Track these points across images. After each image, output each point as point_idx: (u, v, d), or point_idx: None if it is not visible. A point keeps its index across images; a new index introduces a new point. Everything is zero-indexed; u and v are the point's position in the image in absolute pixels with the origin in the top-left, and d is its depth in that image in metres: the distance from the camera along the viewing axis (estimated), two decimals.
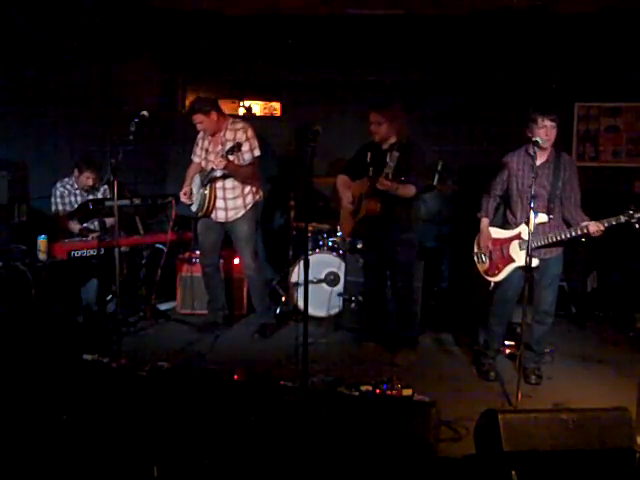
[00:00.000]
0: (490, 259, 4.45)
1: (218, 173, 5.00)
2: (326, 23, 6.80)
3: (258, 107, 7.58)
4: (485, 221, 4.49)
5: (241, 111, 7.41)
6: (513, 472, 2.79)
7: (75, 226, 5.51)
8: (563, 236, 4.16)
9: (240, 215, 5.13)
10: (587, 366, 4.78)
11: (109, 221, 5.38)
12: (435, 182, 5.90)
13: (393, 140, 4.69)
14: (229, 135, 5.05)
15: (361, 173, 4.82)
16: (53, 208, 5.70)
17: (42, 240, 4.91)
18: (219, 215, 5.15)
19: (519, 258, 4.29)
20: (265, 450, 3.17)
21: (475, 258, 4.57)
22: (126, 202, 5.24)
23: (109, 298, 5.46)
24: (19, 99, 6.06)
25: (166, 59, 7.12)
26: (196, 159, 5.29)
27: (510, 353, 4.90)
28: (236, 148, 4.84)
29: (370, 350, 4.96)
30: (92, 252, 5.15)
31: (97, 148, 6.16)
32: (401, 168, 4.54)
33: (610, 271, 6.05)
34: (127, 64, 6.76)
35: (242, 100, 7.46)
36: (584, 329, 5.70)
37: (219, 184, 5.09)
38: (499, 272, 4.41)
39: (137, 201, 5.37)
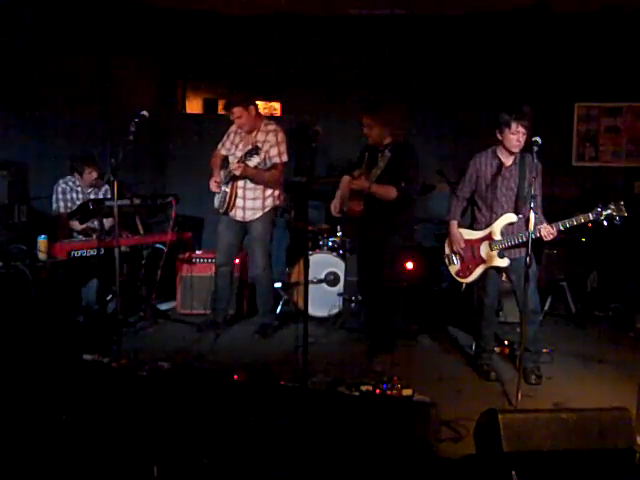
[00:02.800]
0: (461, 260, 4.49)
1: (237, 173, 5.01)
2: (326, 23, 6.81)
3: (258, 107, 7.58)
4: (453, 223, 4.54)
5: None
6: (513, 472, 2.79)
7: (77, 225, 5.50)
8: (525, 237, 4.15)
9: (257, 216, 5.13)
10: (587, 366, 4.78)
11: (108, 222, 5.38)
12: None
13: (388, 141, 4.69)
14: (260, 137, 5.05)
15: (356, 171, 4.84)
16: (54, 206, 5.69)
17: (42, 240, 4.91)
18: (237, 214, 5.17)
19: (490, 259, 4.33)
20: (265, 450, 3.17)
21: (446, 260, 4.64)
22: (126, 202, 5.24)
23: (109, 298, 5.45)
24: (19, 99, 6.06)
25: (166, 59, 7.12)
26: (223, 151, 5.28)
27: (510, 353, 4.91)
28: (254, 151, 4.84)
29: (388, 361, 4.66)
30: (92, 252, 5.15)
31: (97, 148, 6.17)
32: (391, 169, 4.52)
33: (610, 271, 6.05)
34: (127, 64, 6.76)
35: None
36: (584, 329, 5.69)
37: (240, 183, 5.10)
38: (470, 273, 4.45)
39: (137, 201, 5.37)
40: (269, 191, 5.14)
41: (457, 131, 6.79)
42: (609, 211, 3.98)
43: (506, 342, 5.02)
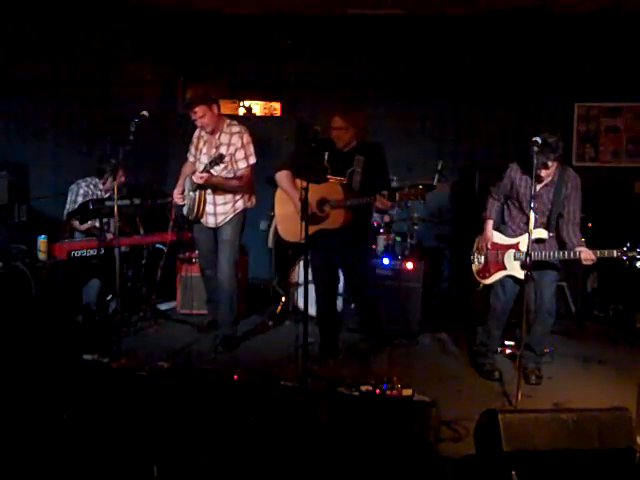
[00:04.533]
0: (485, 261, 4.48)
1: (228, 175, 4.83)
2: (326, 23, 6.81)
3: (258, 107, 7.58)
4: (489, 222, 4.50)
5: (241, 111, 7.41)
6: (513, 472, 2.79)
7: (81, 225, 5.48)
8: (557, 256, 4.16)
9: (229, 219, 4.94)
10: (587, 366, 4.78)
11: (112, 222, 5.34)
12: (435, 182, 5.89)
13: (354, 144, 4.50)
14: (224, 139, 4.84)
15: (316, 173, 4.37)
16: (69, 206, 5.55)
17: (42, 240, 4.91)
18: (209, 220, 4.97)
19: (510, 267, 4.33)
20: (265, 450, 3.17)
21: (472, 257, 4.60)
22: (126, 202, 5.24)
23: (109, 298, 5.46)
24: (19, 99, 6.06)
25: (166, 59, 7.12)
26: (191, 158, 5.12)
27: (510, 353, 4.91)
28: (218, 160, 4.63)
29: (330, 366, 4.60)
30: (92, 252, 5.15)
31: (97, 148, 6.16)
32: (368, 173, 4.40)
33: (610, 271, 6.05)
34: (127, 64, 6.76)
35: (242, 100, 7.46)
36: (584, 329, 5.69)
37: (210, 189, 4.88)
38: (489, 276, 4.45)
39: (137, 201, 5.36)
40: (239, 194, 4.94)
41: (457, 131, 6.79)
42: (633, 254, 3.97)
43: (506, 342, 5.02)
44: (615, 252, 4.02)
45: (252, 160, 4.87)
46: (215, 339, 5.07)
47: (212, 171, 4.74)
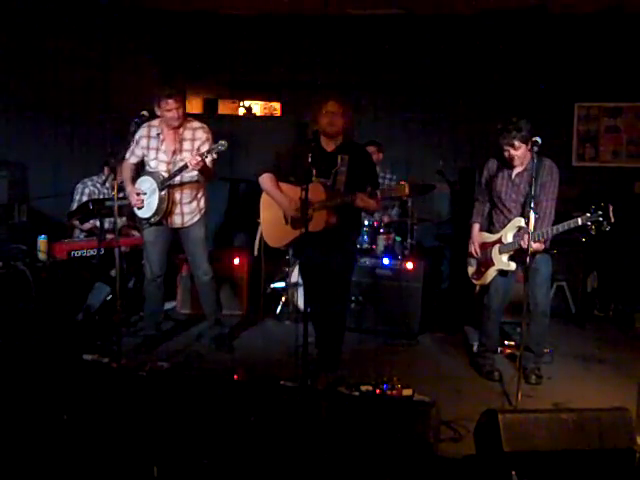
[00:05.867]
0: (477, 263, 4.52)
1: (193, 173, 4.62)
2: (326, 23, 6.81)
3: (258, 107, 7.60)
4: (474, 226, 4.55)
5: (241, 111, 7.43)
6: (513, 472, 2.79)
7: (82, 225, 5.47)
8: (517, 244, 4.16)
9: (196, 220, 4.81)
10: (587, 366, 4.78)
11: (121, 221, 5.32)
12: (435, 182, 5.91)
13: (339, 141, 4.31)
14: (187, 134, 4.67)
15: (302, 175, 4.03)
16: (74, 205, 5.54)
17: (42, 240, 4.91)
18: (175, 220, 4.74)
19: (498, 262, 4.34)
20: (265, 450, 3.17)
21: (467, 262, 4.63)
22: (126, 202, 5.23)
23: (109, 298, 5.45)
24: (19, 99, 6.06)
25: (166, 59, 7.13)
26: (133, 159, 4.76)
27: (510, 353, 4.91)
28: (221, 146, 4.43)
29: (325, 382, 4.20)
30: (92, 252, 5.14)
31: (97, 148, 6.17)
32: (353, 172, 4.21)
33: (610, 271, 6.06)
34: (127, 65, 6.76)
35: (242, 100, 7.48)
36: (584, 329, 5.70)
37: (177, 187, 4.68)
38: (482, 275, 4.47)
39: None
40: (201, 192, 4.81)
41: (457, 131, 6.80)
42: (596, 218, 3.83)
43: (510, 342, 5.03)
44: (580, 220, 3.88)
45: (214, 154, 4.64)
46: (207, 339, 5.06)
47: (175, 161, 4.59)
